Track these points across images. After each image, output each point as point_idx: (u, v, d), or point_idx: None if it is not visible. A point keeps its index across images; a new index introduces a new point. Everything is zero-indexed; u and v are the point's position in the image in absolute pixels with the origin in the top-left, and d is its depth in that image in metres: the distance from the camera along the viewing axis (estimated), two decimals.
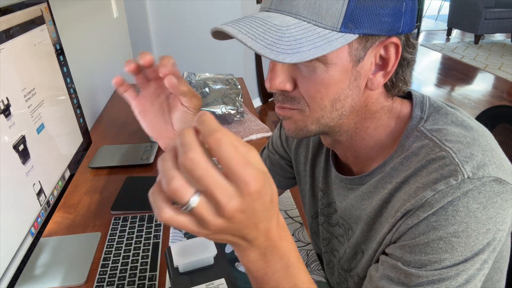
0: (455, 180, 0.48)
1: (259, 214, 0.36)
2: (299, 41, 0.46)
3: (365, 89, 0.54)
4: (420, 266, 0.49)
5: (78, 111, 0.96)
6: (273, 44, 0.46)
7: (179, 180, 0.33)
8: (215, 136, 0.32)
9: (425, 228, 0.49)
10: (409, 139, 0.55)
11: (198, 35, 2.89)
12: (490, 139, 0.54)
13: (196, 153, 0.32)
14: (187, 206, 0.34)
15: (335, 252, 0.73)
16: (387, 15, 0.48)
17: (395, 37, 0.50)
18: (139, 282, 0.73)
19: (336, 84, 0.51)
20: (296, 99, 0.54)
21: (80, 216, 0.95)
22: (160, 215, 0.35)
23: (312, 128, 0.56)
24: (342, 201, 0.66)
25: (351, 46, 0.49)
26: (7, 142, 0.62)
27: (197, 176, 0.32)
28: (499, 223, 0.48)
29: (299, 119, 0.55)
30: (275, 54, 0.45)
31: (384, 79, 0.53)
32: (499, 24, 5.45)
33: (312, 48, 0.46)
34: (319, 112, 0.54)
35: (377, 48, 0.51)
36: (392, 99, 0.58)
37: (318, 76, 0.50)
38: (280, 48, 0.46)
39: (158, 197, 0.36)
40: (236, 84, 1.56)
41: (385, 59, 0.52)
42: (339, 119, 0.55)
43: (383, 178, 0.57)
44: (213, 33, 0.52)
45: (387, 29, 0.49)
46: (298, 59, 0.46)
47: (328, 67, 0.50)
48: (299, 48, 0.46)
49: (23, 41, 0.72)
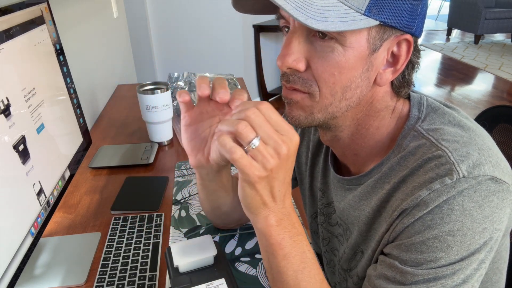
0: (450, 179, 0.48)
1: (288, 171, 0.48)
2: (327, 12, 0.47)
3: (373, 84, 0.54)
4: (416, 264, 0.49)
5: (78, 111, 0.96)
6: (303, 8, 0.46)
7: (245, 123, 0.44)
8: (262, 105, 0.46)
9: (420, 227, 0.49)
10: (406, 139, 0.55)
11: (198, 35, 2.89)
12: (487, 138, 0.54)
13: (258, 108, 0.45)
14: (252, 144, 0.44)
15: (336, 251, 0.73)
16: (406, 10, 0.50)
17: (408, 34, 0.51)
18: (139, 282, 0.73)
19: (350, 70, 0.51)
20: (308, 81, 0.53)
21: (80, 216, 0.95)
22: (232, 155, 0.44)
23: (318, 116, 0.55)
24: (340, 202, 0.66)
25: (370, 33, 0.50)
26: (7, 142, 0.62)
27: (259, 122, 0.44)
28: (496, 223, 0.48)
29: (307, 105, 0.54)
30: (304, 17, 0.45)
31: (393, 76, 0.54)
32: (499, 24, 5.45)
33: (338, 21, 0.47)
34: (329, 98, 0.53)
35: (392, 42, 0.52)
36: (396, 100, 0.58)
37: (334, 58, 0.50)
38: (309, 13, 0.46)
39: (228, 140, 0.45)
40: (236, 84, 1.56)
41: (396, 56, 0.53)
42: (345, 110, 0.55)
43: (381, 178, 0.57)
44: (234, 1, 0.52)
45: (404, 24, 0.50)
46: (325, 27, 0.46)
47: (346, 50, 0.50)
48: (326, 18, 0.46)
49: (23, 41, 0.72)
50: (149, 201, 0.98)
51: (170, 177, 1.09)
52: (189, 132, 0.61)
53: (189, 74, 1.61)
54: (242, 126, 0.44)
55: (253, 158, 0.45)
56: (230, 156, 0.44)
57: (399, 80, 0.56)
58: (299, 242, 0.51)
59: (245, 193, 0.48)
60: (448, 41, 6.10)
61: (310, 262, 0.51)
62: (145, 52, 2.72)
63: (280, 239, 0.49)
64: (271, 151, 0.45)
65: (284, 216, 0.50)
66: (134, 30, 2.58)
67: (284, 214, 0.50)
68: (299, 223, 0.52)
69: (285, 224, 0.50)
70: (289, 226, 0.50)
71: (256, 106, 0.45)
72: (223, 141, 0.45)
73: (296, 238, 0.50)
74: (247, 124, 0.44)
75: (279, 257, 0.50)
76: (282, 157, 0.46)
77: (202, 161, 0.63)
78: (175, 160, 1.19)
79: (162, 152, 1.25)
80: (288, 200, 0.51)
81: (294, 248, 0.50)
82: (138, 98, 1.22)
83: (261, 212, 0.49)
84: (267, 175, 0.46)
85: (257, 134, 0.44)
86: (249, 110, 0.45)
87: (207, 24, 2.86)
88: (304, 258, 0.51)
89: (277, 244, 0.50)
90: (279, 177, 0.47)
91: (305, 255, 0.51)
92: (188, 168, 1.14)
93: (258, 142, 0.44)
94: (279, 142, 0.45)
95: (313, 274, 0.51)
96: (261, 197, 0.48)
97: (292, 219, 0.51)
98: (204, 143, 0.62)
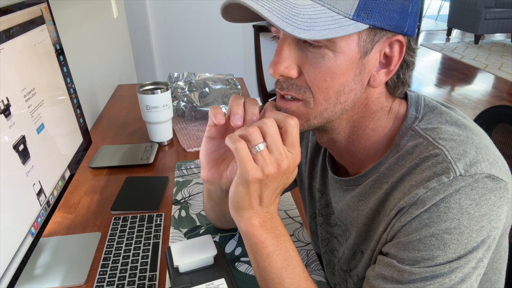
0: (447, 178, 0.48)
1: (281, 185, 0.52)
2: (314, 20, 0.47)
3: (367, 86, 0.54)
4: (414, 263, 0.50)
5: (78, 111, 0.96)
6: (289, 18, 0.46)
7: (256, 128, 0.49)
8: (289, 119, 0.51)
9: (417, 225, 0.49)
10: (404, 139, 0.55)
11: (198, 35, 2.89)
12: (484, 137, 0.54)
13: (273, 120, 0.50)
14: (257, 147, 0.49)
15: (335, 252, 0.73)
16: (396, 12, 0.49)
17: (400, 35, 0.51)
18: (139, 282, 0.73)
19: (342, 75, 0.51)
20: (302, 88, 0.53)
21: (80, 216, 0.95)
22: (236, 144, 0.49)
23: (314, 122, 0.55)
24: (338, 203, 0.66)
25: (360, 37, 0.50)
26: (7, 142, 0.62)
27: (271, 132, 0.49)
28: (493, 221, 0.48)
29: (303, 112, 0.55)
30: (290, 28, 0.45)
31: (386, 77, 0.54)
32: (499, 24, 5.45)
33: (326, 29, 0.47)
34: (323, 104, 0.53)
35: (383, 43, 0.51)
36: (392, 100, 0.58)
37: (325, 64, 0.50)
38: (296, 23, 0.46)
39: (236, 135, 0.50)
40: (236, 84, 1.56)
41: (389, 57, 0.53)
42: (341, 113, 0.55)
43: (379, 178, 0.57)
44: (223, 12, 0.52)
45: (394, 25, 0.50)
46: (312, 37, 0.46)
47: (336, 55, 0.50)
48: (313, 27, 0.46)
49: (23, 41, 0.72)
50: (149, 201, 0.98)
51: (170, 177, 1.09)
52: (209, 144, 0.62)
53: (189, 74, 1.61)
54: (253, 130, 0.49)
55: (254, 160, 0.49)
56: (234, 145, 0.48)
57: (393, 81, 0.56)
58: (282, 242, 0.53)
59: (237, 191, 0.51)
60: (448, 41, 6.10)
61: (294, 260, 0.53)
62: (145, 52, 2.72)
63: (263, 239, 0.53)
64: (273, 159, 0.49)
65: (268, 219, 0.53)
66: (134, 30, 2.58)
67: (267, 218, 0.53)
68: (282, 226, 0.55)
69: (268, 226, 0.53)
70: (271, 228, 0.53)
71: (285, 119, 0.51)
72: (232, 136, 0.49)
73: (279, 238, 0.53)
74: (257, 129, 0.49)
75: (263, 255, 0.53)
76: (280, 169, 0.50)
77: (215, 177, 0.64)
78: (175, 160, 1.19)
79: (162, 152, 1.25)
80: (274, 208, 0.54)
81: (277, 248, 0.53)
82: (138, 98, 1.22)
83: (245, 213, 0.53)
84: (262, 179, 0.49)
85: (264, 141, 0.49)
86: (268, 119, 0.50)
87: (207, 24, 2.86)
88: (288, 257, 0.53)
89: (260, 243, 0.53)
90: (272, 186, 0.51)
91: (288, 253, 0.53)
92: (188, 168, 1.14)
93: (263, 147, 0.49)
94: (282, 155, 0.49)
95: (297, 271, 0.53)
96: (250, 197, 0.51)
97: (275, 222, 0.54)
98: (222, 159, 0.64)
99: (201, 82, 1.54)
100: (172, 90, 1.50)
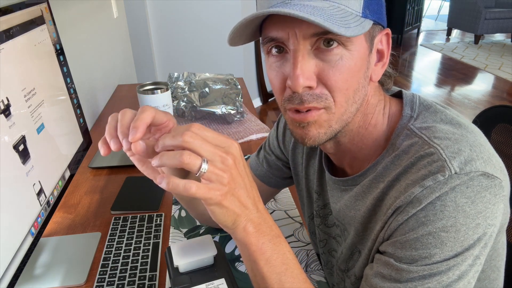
0: (442, 176, 0.48)
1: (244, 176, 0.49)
2: (345, 19, 0.47)
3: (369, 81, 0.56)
4: (411, 261, 0.50)
5: (78, 111, 0.96)
6: (329, 19, 0.46)
7: (187, 153, 0.43)
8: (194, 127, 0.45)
9: (414, 223, 0.49)
10: (400, 138, 0.56)
11: (198, 35, 2.89)
12: (478, 135, 0.54)
13: (192, 130, 0.45)
14: (202, 169, 0.44)
15: (334, 252, 0.73)
16: (381, 6, 0.53)
17: (387, 28, 0.55)
18: (139, 282, 0.74)
19: (357, 72, 0.52)
20: (322, 96, 0.52)
21: (80, 216, 0.95)
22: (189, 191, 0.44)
23: (335, 127, 0.55)
24: (336, 203, 0.66)
25: (367, 33, 0.52)
26: (7, 142, 0.63)
27: (199, 144, 0.44)
28: (489, 218, 0.49)
29: (325, 119, 0.53)
30: (337, 28, 0.45)
31: (382, 70, 0.57)
32: (499, 24, 5.45)
33: (356, 25, 0.48)
34: (344, 105, 0.53)
35: (378, 38, 0.54)
36: (384, 94, 0.61)
37: (344, 64, 0.50)
38: (337, 23, 0.46)
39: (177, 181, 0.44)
40: (236, 84, 1.56)
41: (380, 51, 0.56)
42: (354, 113, 0.56)
43: (376, 178, 0.57)
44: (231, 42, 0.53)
45: (383, 19, 0.54)
46: (356, 33, 0.47)
47: (352, 54, 0.50)
48: (349, 25, 0.47)
49: (23, 41, 0.72)
50: (149, 201, 0.98)
51: None
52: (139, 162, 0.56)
53: (189, 74, 1.61)
54: (186, 157, 0.43)
55: (208, 180, 0.45)
56: (188, 193, 0.44)
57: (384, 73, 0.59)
58: (279, 244, 0.51)
59: (216, 214, 0.48)
60: (448, 41, 6.10)
61: (291, 263, 0.52)
62: (145, 52, 2.72)
63: (260, 245, 0.50)
64: (221, 165, 0.46)
65: (261, 221, 0.51)
66: (134, 30, 2.58)
67: (261, 219, 0.51)
68: (275, 226, 0.53)
69: (263, 228, 0.51)
70: (267, 229, 0.51)
71: (189, 129, 0.45)
72: (173, 184, 0.44)
73: (275, 240, 0.51)
74: (189, 153, 0.44)
75: (262, 262, 0.50)
76: (231, 167, 0.47)
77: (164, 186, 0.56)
78: None
79: None
80: (261, 205, 0.52)
81: (275, 251, 0.51)
82: (138, 98, 1.22)
83: (238, 224, 0.49)
84: (228, 190, 0.46)
85: (202, 157, 0.44)
86: (185, 134, 0.44)
87: (207, 24, 2.86)
88: (285, 260, 0.51)
89: (258, 250, 0.50)
90: (240, 184, 0.48)
91: (285, 256, 0.51)
92: None
93: (207, 165, 0.45)
94: (223, 156, 0.46)
95: (295, 274, 0.52)
96: (232, 211, 0.48)
97: (268, 222, 0.52)
98: None
99: (201, 82, 1.54)
100: (172, 90, 1.51)
